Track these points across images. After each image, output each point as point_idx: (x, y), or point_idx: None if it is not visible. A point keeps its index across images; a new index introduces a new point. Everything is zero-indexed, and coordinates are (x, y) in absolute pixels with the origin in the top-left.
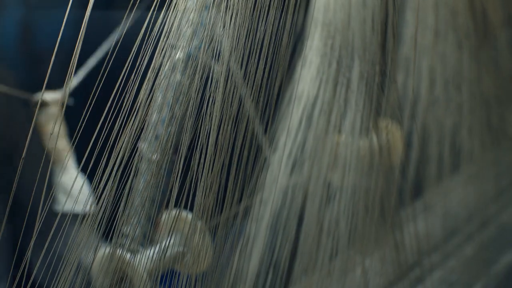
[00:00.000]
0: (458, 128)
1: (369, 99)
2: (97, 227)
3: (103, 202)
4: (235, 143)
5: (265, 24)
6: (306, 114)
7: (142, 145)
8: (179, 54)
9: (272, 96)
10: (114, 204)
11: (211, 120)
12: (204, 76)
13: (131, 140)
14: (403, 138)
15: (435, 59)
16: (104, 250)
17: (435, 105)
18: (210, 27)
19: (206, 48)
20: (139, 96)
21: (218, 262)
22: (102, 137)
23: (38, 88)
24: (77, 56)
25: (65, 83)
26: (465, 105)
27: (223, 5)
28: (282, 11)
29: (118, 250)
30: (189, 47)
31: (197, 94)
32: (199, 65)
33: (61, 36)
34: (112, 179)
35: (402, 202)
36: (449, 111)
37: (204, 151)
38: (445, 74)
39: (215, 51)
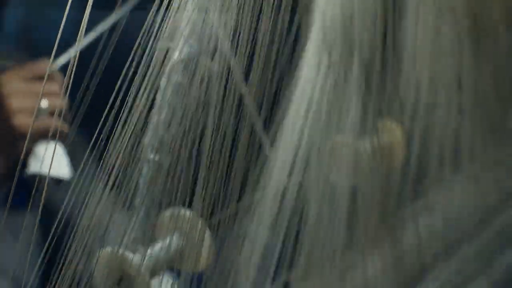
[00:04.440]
0: (459, 127)
1: (370, 99)
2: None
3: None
4: (236, 140)
5: (265, 21)
6: (306, 114)
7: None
8: (179, 55)
9: (273, 93)
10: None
11: (211, 118)
12: (203, 76)
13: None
14: (405, 138)
15: (436, 58)
16: (105, 250)
17: (436, 105)
18: (209, 26)
19: (205, 47)
20: (138, 97)
21: (220, 261)
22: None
23: None
24: (77, 55)
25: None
26: (466, 104)
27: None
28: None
29: (119, 250)
30: (188, 47)
31: (197, 94)
32: (198, 65)
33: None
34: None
35: (402, 203)
36: (450, 110)
37: (204, 148)
38: (445, 73)
39: (214, 50)
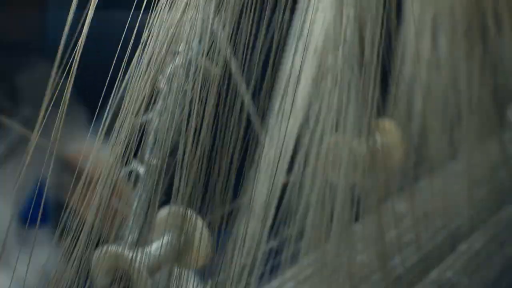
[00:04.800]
0: (456, 126)
1: (368, 98)
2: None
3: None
4: (235, 140)
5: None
6: (303, 113)
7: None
8: (179, 59)
9: (269, 89)
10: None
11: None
12: (204, 80)
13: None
14: (403, 138)
15: (433, 58)
16: (104, 248)
17: (433, 104)
18: (208, 28)
19: (205, 52)
20: (137, 100)
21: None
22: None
23: None
24: (79, 55)
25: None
26: (463, 103)
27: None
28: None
29: (117, 248)
30: (189, 52)
31: (197, 97)
32: (199, 70)
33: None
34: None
35: (400, 198)
36: (446, 109)
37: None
38: (442, 73)
39: (213, 51)
